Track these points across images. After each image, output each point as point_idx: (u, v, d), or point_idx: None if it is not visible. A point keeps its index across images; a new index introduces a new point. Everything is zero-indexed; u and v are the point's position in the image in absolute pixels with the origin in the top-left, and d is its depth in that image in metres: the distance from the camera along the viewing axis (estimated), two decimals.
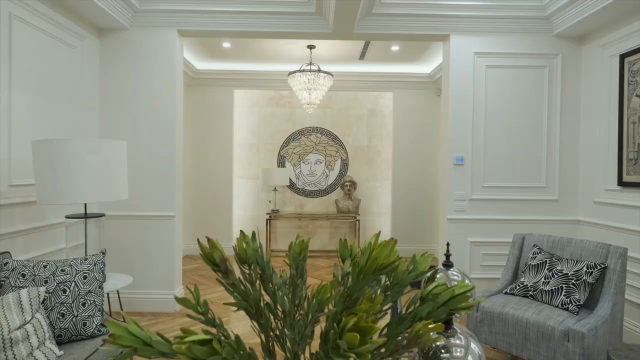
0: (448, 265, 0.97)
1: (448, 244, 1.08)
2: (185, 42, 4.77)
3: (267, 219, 6.11)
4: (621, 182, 3.20)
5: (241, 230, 1.04)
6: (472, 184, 3.72)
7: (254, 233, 1.05)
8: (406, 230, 6.06)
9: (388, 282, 0.89)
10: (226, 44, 4.87)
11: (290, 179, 6.38)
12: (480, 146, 3.72)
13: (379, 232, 0.84)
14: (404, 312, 0.87)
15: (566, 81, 3.71)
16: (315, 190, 6.44)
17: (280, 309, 0.99)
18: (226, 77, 5.95)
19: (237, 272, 0.96)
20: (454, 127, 3.72)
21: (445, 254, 1.01)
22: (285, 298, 1.01)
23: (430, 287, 0.84)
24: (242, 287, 0.91)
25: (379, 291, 0.89)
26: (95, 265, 2.14)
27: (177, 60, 3.70)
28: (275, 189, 6.27)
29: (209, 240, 0.90)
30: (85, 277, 2.06)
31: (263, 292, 0.99)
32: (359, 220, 6.11)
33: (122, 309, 2.84)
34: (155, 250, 3.64)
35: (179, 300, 0.78)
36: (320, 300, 0.73)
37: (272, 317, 0.96)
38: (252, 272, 0.97)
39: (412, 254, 0.90)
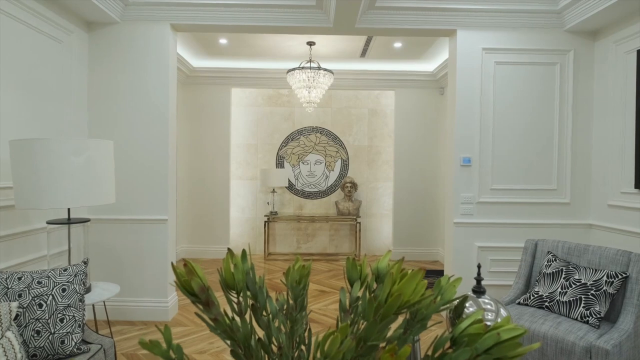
0: (479, 291, 0.80)
1: (479, 266, 0.90)
2: (180, 38, 4.60)
3: (265, 221, 5.93)
4: (639, 185, 3.03)
5: (229, 249, 0.87)
6: (479, 187, 3.55)
7: (244, 252, 0.88)
8: (408, 233, 5.89)
9: (408, 317, 0.72)
10: (222, 41, 4.69)
11: (289, 179, 6.21)
12: (488, 147, 3.55)
13: (402, 258, 0.66)
14: (429, 354, 0.69)
15: (578, 78, 3.54)
16: (315, 191, 6.26)
17: (275, 344, 0.82)
18: (223, 75, 5.78)
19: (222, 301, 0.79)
20: (460, 126, 3.55)
21: (476, 278, 0.83)
22: (283, 327, 0.84)
23: (464, 325, 0.66)
24: (228, 322, 0.74)
25: (396, 323, 0.72)
26: (75, 276, 1.96)
27: (171, 56, 3.52)
28: (273, 190, 6.10)
29: (185, 264, 0.73)
30: (64, 290, 1.89)
31: (255, 324, 0.82)
32: (359, 223, 5.94)
33: (108, 320, 2.66)
34: (147, 256, 3.46)
35: (145, 345, 0.61)
36: (327, 354, 0.56)
37: (265, 356, 0.78)
38: (241, 301, 0.79)
39: (415, 258, 0.73)
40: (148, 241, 3.45)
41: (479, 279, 0.83)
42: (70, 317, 1.86)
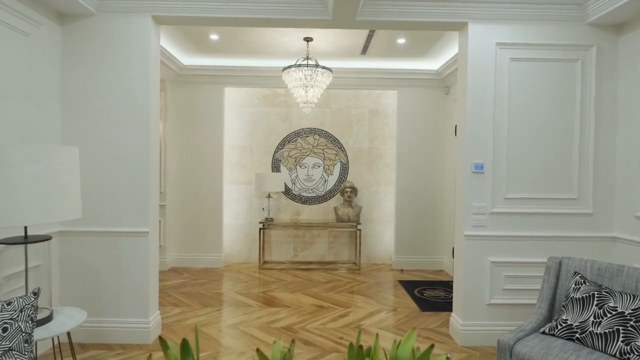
0: None
1: None
2: (168, 34, 4.28)
3: (260, 228, 5.61)
4: None
5: (160, 337, 0.55)
6: (492, 195, 3.22)
7: (184, 343, 0.56)
8: (411, 240, 5.57)
9: None
10: (214, 36, 4.37)
11: (285, 184, 5.88)
12: (502, 152, 3.23)
13: (432, 345, 0.33)
14: None
15: (601, 76, 3.22)
16: (313, 196, 5.94)
17: None
18: (216, 74, 5.45)
19: None
20: (471, 129, 3.23)
21: None
22: None
23: None
24: None
25: None
26: (21, 311, 1.63)
27: (153, 51, 3.20)
28: (269, 195, 5.77)
29: None
30: (5, 330, 1.56)
31: None
32: (359, 229, 5.62)
33: (72, 349, 2.33)
34: (126, 272, 3.13)
35: None
36: None
37: None
38: None
39: (418, 267, 0.42)
40: (127, 256, 3.13)
41: None
42: None
